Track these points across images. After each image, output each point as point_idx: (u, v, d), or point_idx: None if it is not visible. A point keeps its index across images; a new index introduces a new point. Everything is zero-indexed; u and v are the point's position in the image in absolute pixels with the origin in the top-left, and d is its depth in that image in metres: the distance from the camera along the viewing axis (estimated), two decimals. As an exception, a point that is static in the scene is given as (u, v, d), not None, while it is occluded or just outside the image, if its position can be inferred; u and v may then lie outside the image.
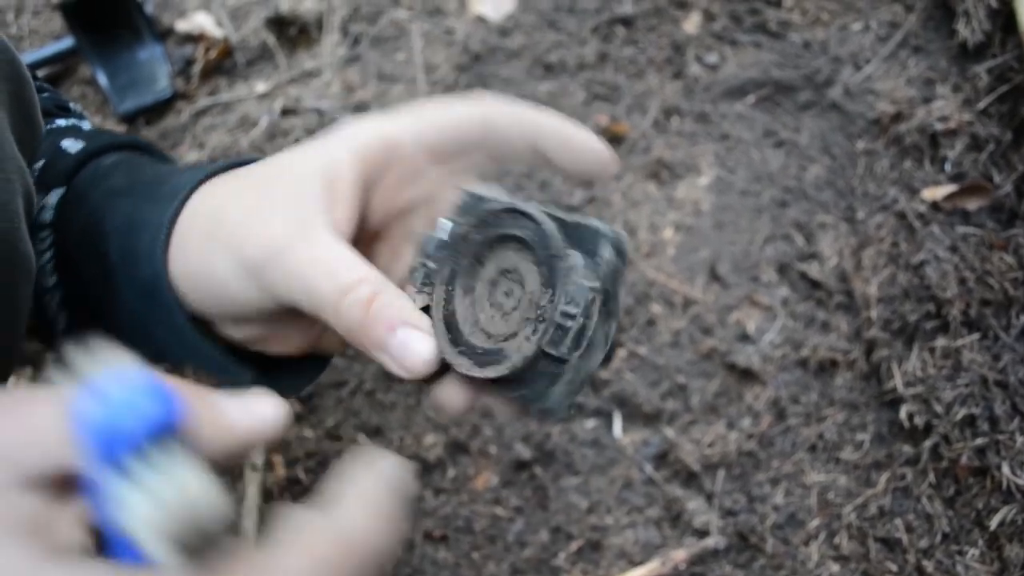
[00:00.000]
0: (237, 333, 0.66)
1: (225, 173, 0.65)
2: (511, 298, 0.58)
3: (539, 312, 0.55)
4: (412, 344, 0.55)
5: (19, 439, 0.39)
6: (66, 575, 0.36)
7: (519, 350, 0.55)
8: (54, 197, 0.68)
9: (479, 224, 0.60)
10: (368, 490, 0.42)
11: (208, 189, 0.64)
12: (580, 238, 0.56)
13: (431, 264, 0.61)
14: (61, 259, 0.68)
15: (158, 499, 0.33)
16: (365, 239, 0.65)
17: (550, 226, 0.55)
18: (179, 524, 0.33)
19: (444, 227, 0.61)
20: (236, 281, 0.59)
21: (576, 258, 0.54)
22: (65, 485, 0.39)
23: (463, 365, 0.56)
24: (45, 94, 0.78)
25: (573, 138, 0.61)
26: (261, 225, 0.58)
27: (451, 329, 0.58)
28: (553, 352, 0.53)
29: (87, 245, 0.66)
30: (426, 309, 0.60)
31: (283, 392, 0.70)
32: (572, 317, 0.53)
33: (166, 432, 0.34)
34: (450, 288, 0.60)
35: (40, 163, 0.70)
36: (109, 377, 0.33)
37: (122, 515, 0.34)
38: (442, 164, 0.64)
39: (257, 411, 0.44)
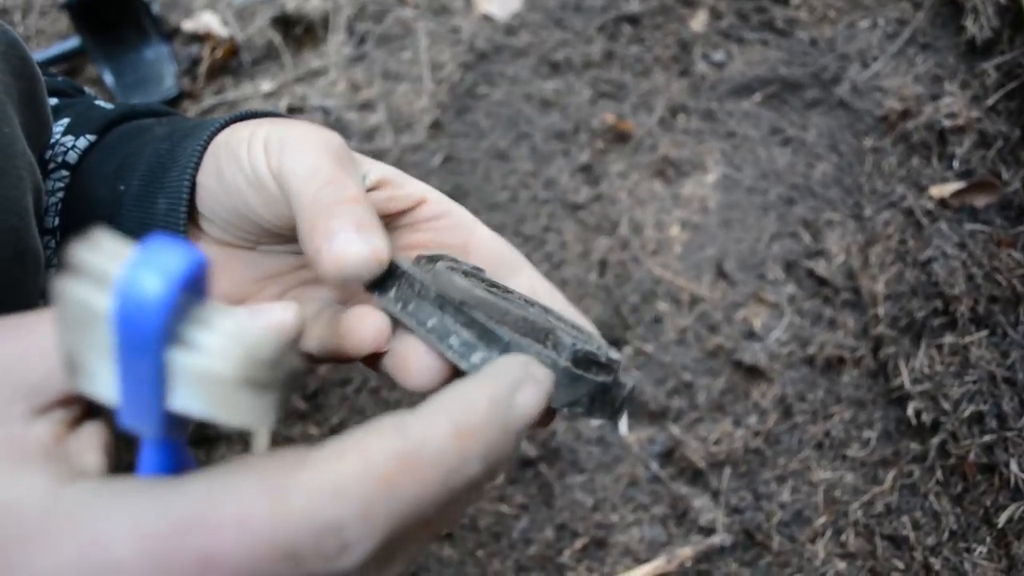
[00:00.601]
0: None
1: (280, 119, 0.66)
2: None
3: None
4: (360, 242, 0.51)
5: (20, 361, 0.37)
6: (86, 498, 0.33)
7: (526, 313, 0.51)
8: (83, 142, 0.68)
9: (532, 303, 0.58)
10: (466, 400, 0.36)
11: (254, 121, 0.64)
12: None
13: (454, 260, 0.58)
14: (73, 204, 0.68)
15: (219, 352, 0.31)
16: None
17: (604, 344, 0.55)
18: (249, 367, 0.31)
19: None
20: (262, 149, 0.58)
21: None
22: (72, 406, 0.38)
23: (452, 275, 0.52)
24: (59, 78, 0.79)
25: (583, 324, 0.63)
26: (315, 128, 0.59)
27: (448, 270, 0.54)
28: (563, 338, 0.48)
29: (108, 187, 0.66)
30: (433, 259, 0.56)
31: None
32: (600, 349, 0.50)
33: (198, 283, 0.32)
34: (470, 276, 0.56)
35: (65, 120, 0.70)
36: (123, 256, 0.31)
37: (181, 390, 0.32)
38: (470, 259, 0.63)
39: (275, 316, 0.43)
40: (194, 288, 0.31)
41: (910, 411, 1.09)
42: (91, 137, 0.69)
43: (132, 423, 0.33)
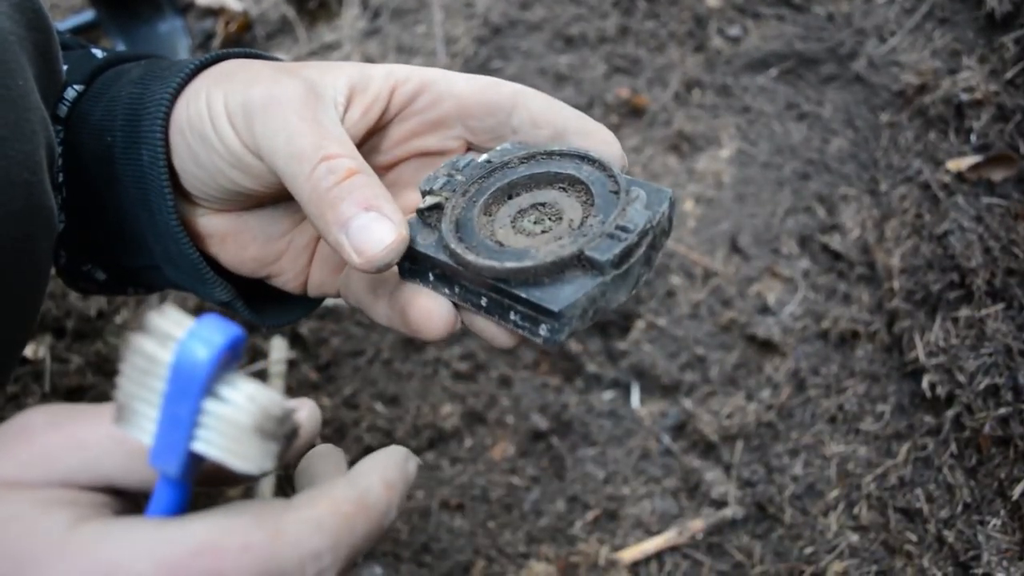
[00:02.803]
0: (208, 224, 0.65)
1: (246, 59, 0.64)
2: (539, 225, 0.56)
3: (582, 230, 0.53)
4: (376, 227, 0.52)
5: (61, 448, 0.42)
6: (105, 528, 0.39)
7: (551, 251, 0.51)
8: (71, 93, 0.67)
9: (527, 158, 0.58)
10: (385, 464, 0.46)
11: (225, 65, 0.63)
12: (642, 188, 0.55)
13: (458, 177, 0.59)
14: (69, 158, 0.67)
15: (241, 405, 0.39)
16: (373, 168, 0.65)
17: (617, 170, 0.55)
18: (262, 419, 0.39)
19: (482, 157, 0.60)
20: (228, 124, 0.57)
21: (641, 193, 0.53)
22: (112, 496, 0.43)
23: (471, 254, 0.53)
24: (66, 35, 0.77)
25: (590, 127, 0.59)
26: (273, 81, 0.57)
27: (461, 229, 0.55)
28: (596, 256, 0.50)
29: (97, 139, 0.65)
30: (435, 208, 0.57)
31: (264, 322, 0.70)
32: (627, 232, 0.51)
33: (233, 355, 0.40)
34: (472, 200, 0.57)
35: (65, 67, 0.69)
36: (184, 325, 0.39)
37: (205, 434, 0.40)
38: (467, 121, 0.62)
39: (301, 414, 0.47)
40: (230, 356, 0.40)
41: (925, 384, 1.09)
42: (79, 87, 0.67)
43: (158, 462, 0.40)
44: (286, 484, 1.12)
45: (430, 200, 0.57)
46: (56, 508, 0.39)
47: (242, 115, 0.57)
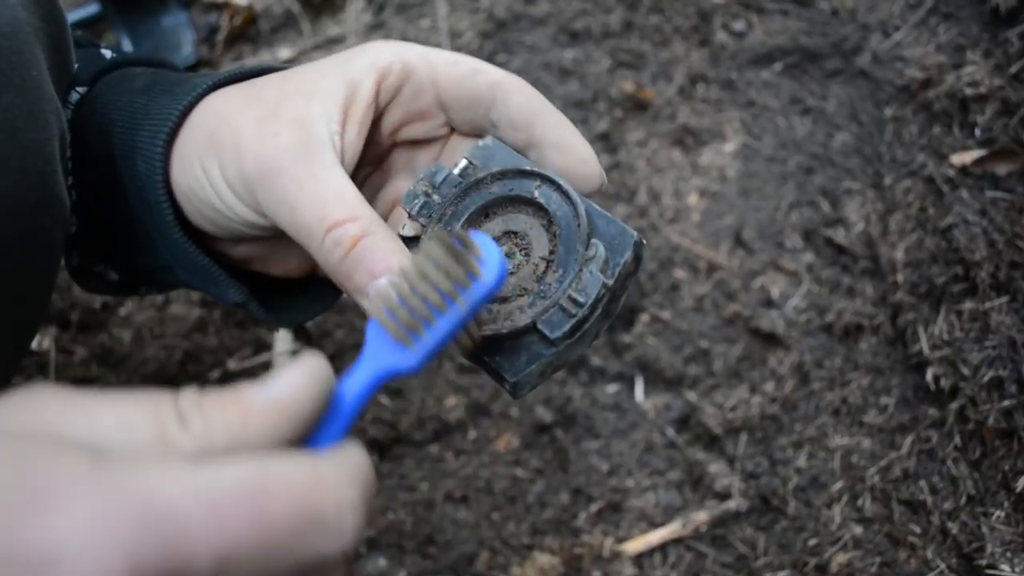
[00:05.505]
0: (234, 251, 0.66)
1: (247, 81, 0.64)
2: (510, 261, 0.57)
3: (541, 287, 0.55)
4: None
5: (66, 410, 0.38)
6: (127, 465, 0.35)
7: (510, 317, 0.54)
8: (75, 96, 0.67)
9: (501, 175, 0.59)
10: None
11: (225, 92, 0.62)
12: (606, 232, 0.55)
13: (435, 197, 0.59)
14: (76, 160, 0.67)
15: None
16: (367, 162, 0.65)
17: (583, 211, 0.55)
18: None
19: (460, 165, 0.60)
20: (230, 192, 0.58)
21: (599, 250, 0.54)
22: None
23: None
24: (77, 32, 0.77)
25: (569, 143, 0.58)
26: (265, 138, 0.57)
27: None
28: (547, 332, 0.53)
29: (99, 143, 0.65)
30: (413, 239, 0.59)
31: (278, 321, 0.70)
32: (579, 305, 0.53)
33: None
34: (447, 226, 0.59)
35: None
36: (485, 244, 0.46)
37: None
38: (448, 112, 0.62)
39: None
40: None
41: (929, 377, 1.09)
42: (81, 89, 0.68)
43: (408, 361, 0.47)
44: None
45: (409, 230, 0.59)
46: (77, 448, 0.35)
47: (242, 187, 0.57)
